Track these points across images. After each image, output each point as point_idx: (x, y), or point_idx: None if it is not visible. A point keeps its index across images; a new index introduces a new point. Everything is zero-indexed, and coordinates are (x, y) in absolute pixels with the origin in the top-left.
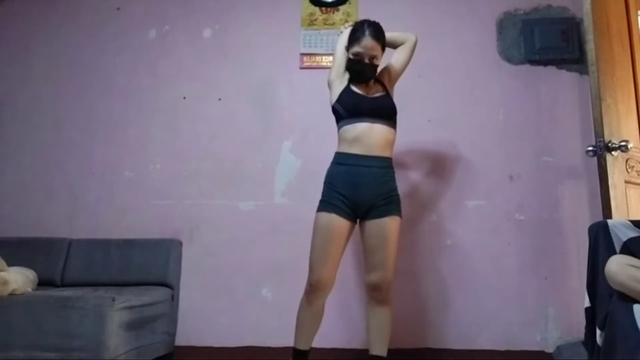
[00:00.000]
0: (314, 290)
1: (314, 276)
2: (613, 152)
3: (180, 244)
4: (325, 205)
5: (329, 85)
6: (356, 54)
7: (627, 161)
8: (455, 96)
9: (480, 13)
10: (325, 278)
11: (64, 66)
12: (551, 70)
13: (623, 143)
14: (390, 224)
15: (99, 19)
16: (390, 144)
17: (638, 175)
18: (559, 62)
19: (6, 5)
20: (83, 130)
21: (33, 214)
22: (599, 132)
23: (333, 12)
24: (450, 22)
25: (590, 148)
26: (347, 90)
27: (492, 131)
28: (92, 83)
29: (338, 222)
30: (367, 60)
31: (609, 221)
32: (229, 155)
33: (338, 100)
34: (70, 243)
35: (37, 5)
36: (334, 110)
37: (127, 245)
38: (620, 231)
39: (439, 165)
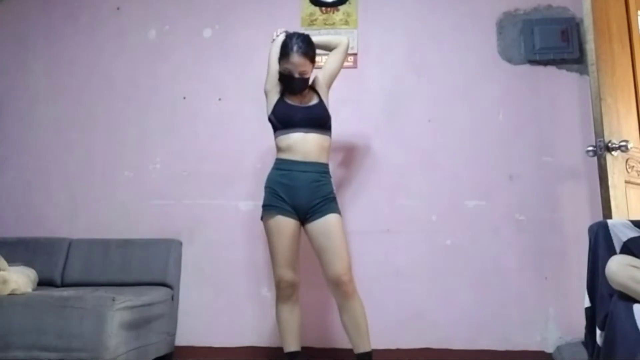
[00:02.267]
0: (281, 289)
1: (282, 277)
2: (613, 152)
3: (180, 244)
4: (269, 209)
5: (265, 94)
6: (287, 70)
7: (627, 161)
8: (455, 96)
9: (480, 13)
10: (287, 276)
11: (63, 66)
12: (551, 70)
13: (623, 143)
14: (331, 221)
15: (98, 19)
16: (326, 150)
17: (638, 175)
18: (559, 62)
19: (5, 5)
20: (83, 130)
21: (33, 214)
22: (599, 132)
23: (333, 12)
24: (450, 22)
25: (590, 148)
26: (280, 102)
27: (492, 131)
28: (92, 83)
29: (283, 221)
30: (296, 75)
31: (609, 221)
32: (228, 155)
33: (273, 112)
34: (70, 243)
35: (36, 5)
36: (270, 121)
37: (127, 245)
38: (620, 231)
39: (439, 165)
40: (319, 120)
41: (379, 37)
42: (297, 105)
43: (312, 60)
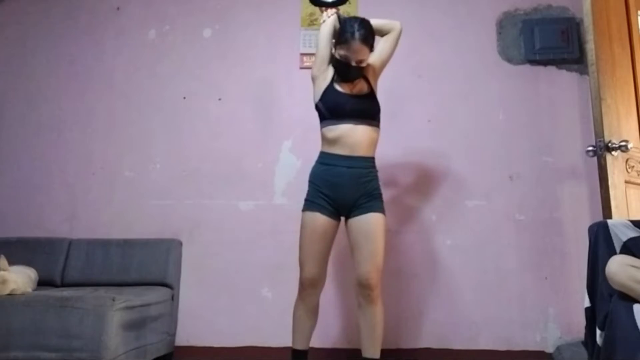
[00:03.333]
0: (305, 288)
1: (303, 274)
2: (613, 152)
3: (180, 244)
4: (309, 204)
5: (313, 80)
6: (343, 57)
7: (627, 161)
8: (455, 96)
9: (480, 13)
10: (315, 275)
11: (63, 66)
12: (551, 70)
13: (623, 143)
14: (373, 220)
15: (98, 19)
16: (374, 143)
17: (638, 175)
18: (559, 62)
19: (6, 4)
20: (83, 130)
21: (33, 214)
22: (599, 132)
23: None
24: (450, 22)
25: (590, 148)
26: (330, 89)
27: (492, 131)
28: (92, 83)
29: (322, 220)
30: (354, 64)
31: (609, 221)
32: (229, 155)
33: (321, 99)
34: (70, 243)
35: (36, 5)
36: (317, 109)
37: (127, 245)
38: (620, 231)
39: (439, 165)
40: (371, 112)
41: (378, 37)
42: (348, 94)
43: (372, 48)
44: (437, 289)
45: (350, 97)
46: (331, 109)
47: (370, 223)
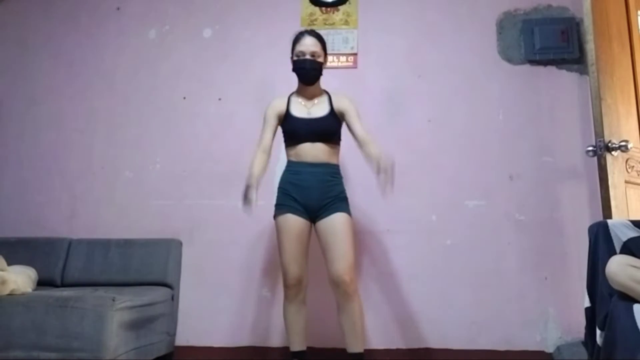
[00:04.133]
0: (291, 288)
1: (289, 276)
2: (613, 152)
3: (180, 244)
4: (279, 208)
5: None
6: (298, 54)
7: (627, 161)
8: (455, 96)
9: (480, 13)
10: (299, 274)
11: (63, 66)
12: (551, 70)
13: (623, 143)
14: (340, 219)
15: (99, 19)
16: (335, 154)
17: (638, 175)
18: (559, 62)
19: (6, 4)
20: (83, 130)
21: (33, 214)
22: (599, 132)
23: (333, 12)
24: (450, 22)
25: (590, 148)
26: (287, 116)
27: (492, 131)
28: (92, 83)
29: (294, 220)
30: (308, 56)
31: (609, 221)
32: (229, 155)
33: (282, 126)
34: (70, 243)
35: (36, 4)
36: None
37: (127, 245)
38: (620, 231)
39: (439, 165)
40: (326, 134)
41: (379, 37)
42: (303, 118)
43: (324, 47)
44: (437, 289)
45: (306, 121)
46: (289, 133)
47: (336, 222)
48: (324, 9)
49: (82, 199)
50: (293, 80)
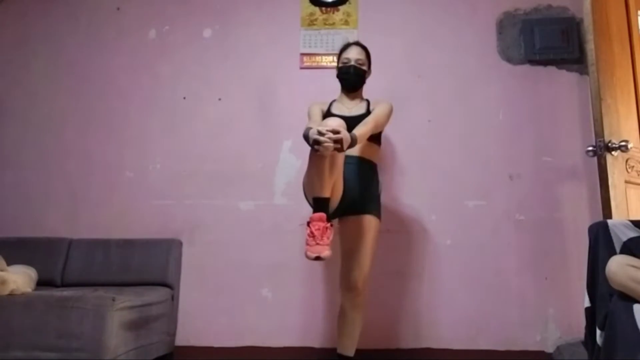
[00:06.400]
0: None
1: None
2: (613, 152)
3: (180, 244)
4: None
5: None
6: (344, 60)
7: (627, 161)
8: (455, 96)
9: (480, 13)
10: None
11: (63, 66)
12: (551, 70)
13: (623, 143)
14: (369, 223)
15: (98, 19)
16: (374, 153)
17: (638, 175)
18: (559, 62)
19: (6, 4)
20: (83, 130)
21: (33, 214)
22: (599, 132)
23: (333, 12)
24: (450, 22)
25: (590, 148)
26: (328, 114)
27: (492, 131)
28: (92, 83)
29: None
30: (353, 63)
31: (609, 221)
32: (229, 155)
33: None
34: (70, 243)
35: (36, 5)
36: None
37: (127, 245)
38: (620, 231)
39: (439, 165)
40: None
41: (378, 37)
42: (344, 116)
43: (368, 57)
44: (437, 289)
45: (345, 118)
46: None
47: (367, 225)
48: (324, 9)
49: (82, 199)
50: (293, 80)
